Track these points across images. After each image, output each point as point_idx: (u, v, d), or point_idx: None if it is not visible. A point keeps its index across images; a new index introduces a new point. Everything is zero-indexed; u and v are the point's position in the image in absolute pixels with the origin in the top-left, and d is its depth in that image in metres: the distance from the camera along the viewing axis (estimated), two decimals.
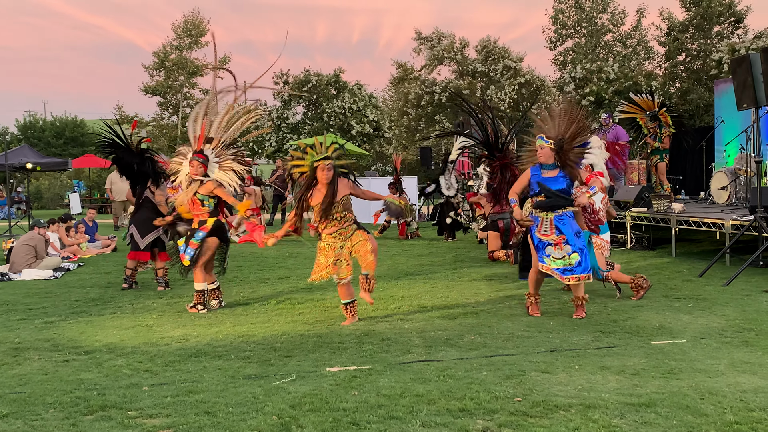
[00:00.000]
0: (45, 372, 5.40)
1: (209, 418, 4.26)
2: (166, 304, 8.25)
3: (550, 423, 4.08)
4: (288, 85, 31.66)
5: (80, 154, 34.75)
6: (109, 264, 12.04)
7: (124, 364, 5.60)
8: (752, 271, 9.34)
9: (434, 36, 29.96)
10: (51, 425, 4.20)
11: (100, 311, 7.88)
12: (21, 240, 11.58)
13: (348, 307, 7.06)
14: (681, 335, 6.17)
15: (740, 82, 9.81)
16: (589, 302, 7.74)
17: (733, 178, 13.31)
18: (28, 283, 10.14)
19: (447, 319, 7.06)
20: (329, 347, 5.97)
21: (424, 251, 12.98)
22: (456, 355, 5.65)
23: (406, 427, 4.06)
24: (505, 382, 4.84)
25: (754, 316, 6.85)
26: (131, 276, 9.36)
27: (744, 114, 12.61)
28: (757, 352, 5.58)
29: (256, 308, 7.87)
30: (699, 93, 25.66)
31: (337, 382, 4.94)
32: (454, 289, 8.84)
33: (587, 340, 6.08)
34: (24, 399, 4.70)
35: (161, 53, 33.38)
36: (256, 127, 19.17)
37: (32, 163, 22.40)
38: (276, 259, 12.07)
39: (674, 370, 5.08)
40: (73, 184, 34.15)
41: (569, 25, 29.74)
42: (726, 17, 26.43)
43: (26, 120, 42.04)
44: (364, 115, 31.62)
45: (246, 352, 5.85)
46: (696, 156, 17.09)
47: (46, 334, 6.74)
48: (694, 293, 8.13)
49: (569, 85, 27.63)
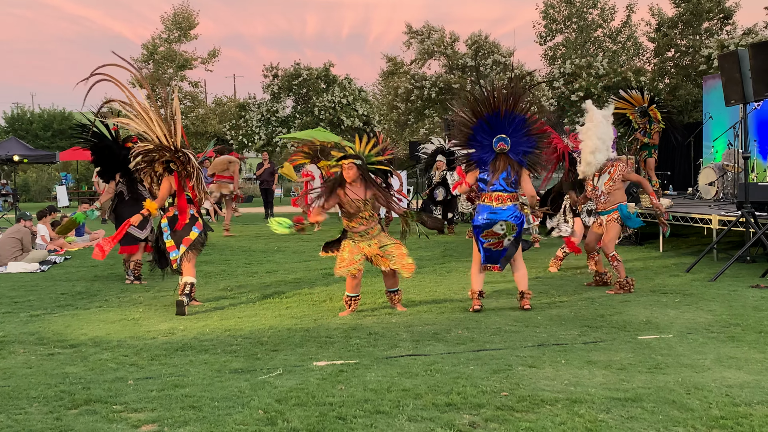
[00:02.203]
0: (29, 365, 5.36)
1: (195, 412, 4.24)
2: (153, 297, 8.20)
3: (537, 417, 4.08)
4: (278, 78, 31.54)
5: (68, 147, 34.52)
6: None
7: (109, 357, 5.56)
8: (739, 267, 9.38)
9: (425, 30, 29.91)
10: (35, 419, 4.17)
11: (86, 305, 7.83)
12: (7, 233, 11.51)
13: (351, 300, 7.11)
14: (668, 330, 6.19)
15: (728, 78, 9.84)
16: (577, 297, 7.78)
17: (720, 173, 13.37)
18: (13, 276, 10.07)
19: (435, 313, 7.06)
20: (316, 341, 5.95)
21: (412, 245, 12.91)
22: (443, 349, 5.64)
23: (392, 421, 4.05)
24: (491, 377, 4.84)
25: (740, 312, 6.88)
26: (134, 269, 9.32)
27: (732, 110, 12.68)
28: (743, 347, 5.60)
29: (243, 302, 7.84)
30: (688, 89, 25.70)
31: (324, 376, 4.92)
32: (442, 283, 8.84)
33: (574, 334, 6.09)
34: (8, 393, 4.66)
35: (150, 45, 33.18)
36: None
37: (19, 156, 22.26)
38: (264, 253, 12.03)
39: (660, 365, 5.10)
40: (60, 177, 33.98)
41: (559, 20, 29.74)
42: (715, 13, 26.48)
43: (14, 112, 41.77)
44: (354, 109, 31.54)
45: (232, 347, 5.82)
46: (684, 152, 17.15)
47: (31, 327, 6.69)
48: (681, 288, 8.16)
49: (558, 80, 27.64)
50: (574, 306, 7.29)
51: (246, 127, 31.30)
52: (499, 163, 7.03)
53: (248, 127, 31.26)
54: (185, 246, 7.47)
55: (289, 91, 31.79)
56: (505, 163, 7.02)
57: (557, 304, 7.44)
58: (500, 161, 7.03)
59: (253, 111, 31.57)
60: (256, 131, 31.18)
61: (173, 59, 32.75)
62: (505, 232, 7.01)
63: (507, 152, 7.02)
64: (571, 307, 7.23)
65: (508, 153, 7.03)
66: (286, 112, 31.96)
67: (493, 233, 7.03)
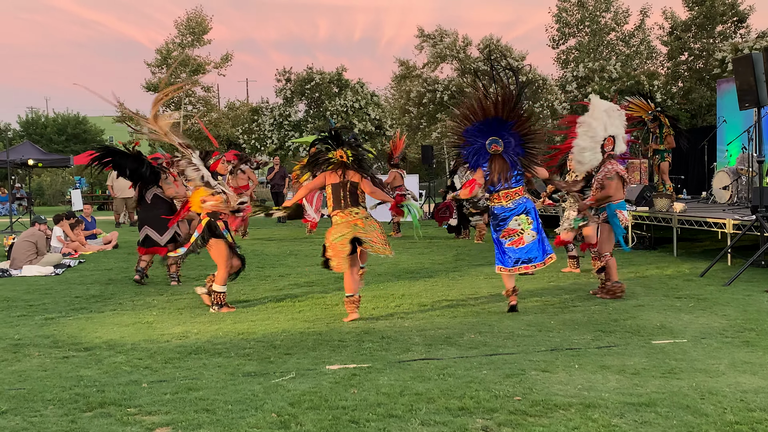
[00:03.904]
0: (44, 368, 5.40)
1: (208, 415, 4.25)
2: (167, 301, 8.24)
3: (550, 422, 4.07)
4: (290, 82, 31.61)
5: (82, 151, 34.72)
6: (110, 260, 12.04)
7: (123, 360, 5.59)
8: (753, 271, 9.33)
9: (437, 34, 29.91)
10: (50, 422, 4.20)
11: (101, 308, 7.88)
12: (22, 236, 11.60)
13: (350, 301, 7.08)
14: (682, 335, 6.15)
15: (742, 81, 9.77)
16: (590, 301, 7.75)
17: (734, 177, 13.29)
18: (28, 280, 10.15)
19: (447, 317, 7.06)
20: (329, 345, 5.96)
21: (425, 249, 12.97)
22: (456, 353, 5.64)
23: (405, 425, 4.05)
24: (504, 381, 4.83)
25: (755, 316, 6.83)
26: (144, 269, 9.47)
27: (746, 114, 12.59)
28: (758, 352, 5.56)
29: (256, 306, 7.86)
30: (701, 92, 25.60)
31: (337, 380, 4.93)
32: (455, 287, 8.83)
33: (587, 339, 6.07)
34: (23, 395, 4.70)
35: (164, 50, 33.36)
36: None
37: (34, 160, 22.43)
38: (277, 257, 12.06)
39: (674, 370, 5.07)
40: (74, 181, 34.19)
41: (572, 24, 29.68)
42: (729, 17, 26.36)
43: (28, 116, 42.10)
44: (366, 113, 31.55)
45: (246, 350, 5.84)
46: (698, 155, 17.06)
47: (46, 330, 6.74)
48: (695, 293, 8.12)
49: (571, 84, 27.58)
50: (587, 310, 7.26)
51: (258, 131, 31.38)
52: (495, 164, 7.09)
53: (261, 131, 31.34)
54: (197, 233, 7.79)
55: (302, 95, 31.84)
56: (502, 163, 7.07)
57: (570, 308, 7.41)
58: (496, 162, 7.09)
59: (265, 115, 31.65)
60: (268, 135, 31.26)
61: (186, 64, 32.89)
62: (522, 227, 7.05)
63: (501, 153, 7.07)
64: (584, 312, 7.20)
65: (503, 154, 7.07)
66: (298, 116, 32.01)
67: (511, 231, 7.09)
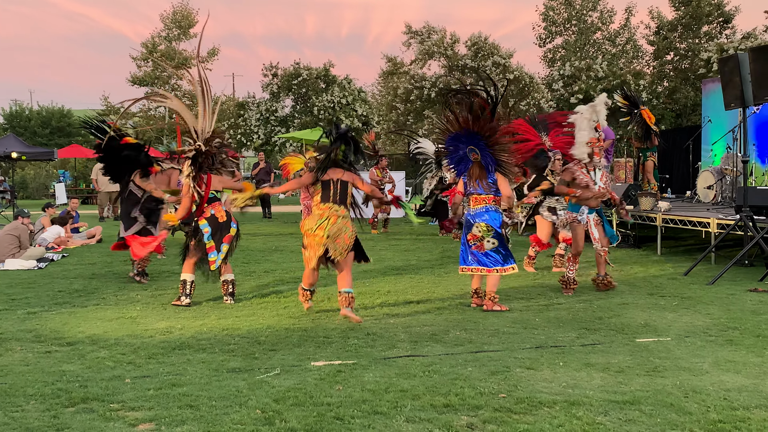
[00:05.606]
0: (26, 363, 5.35)
1: (192, 411, 4.23)
2: (151, 296, 8.19)
3: (534, 419, 4.07)
4: (277, 77, 31.51)
5: (66, 144, 34.50)
6: (93, 255, 11.94)
7: (106, 356, 5.55)
8: (737, 270, 9.39)
9: (424, 30, 29.89)
10: (32, 417, 4.16)
11: (84, 302, 7.81)
12: (5, 230, 11.48)
13: (305, 293, 7.18)
14: (666, 333, 6.19)
15: (728, 81, 9.83)
16: (575, 299, 7.77)
17: (719, 177, 13.37)
18: (11, 273, 10.05)
19: (433, 314, 7.06)
20: (314, 341, 5.95)
21: (411, 246, 12.96)
22: (441, 350, 5.64)
23: (390, 422, 4.05)
24: (489, 378, 4.84)
25: (738, 315, 6.88)
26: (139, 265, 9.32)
27: (731, 114, 12.66)
28: (741, 350, 5.60)
29: (241, 301, 7.82)
30: (686, 92, 25.74)
31: (322, 376, 4.92)
32: (441, 284, 8.84)
33: (572, 337, 6.09)
34: (5, 390, 4.65)
35: (149, 44, 33.16)
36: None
37: (17, 153, 22.19)
38: (262, 253, 12.01)
39: (659, 368, 5.10)
40: (58, 175, 33.91)
41: (559, 23, 29.74)
42: (714, 17, 26.52)
43: (12, 109, 41.63)
44: (353, 109, 31.51)
45: (230, 346, 5.81)
46: (683, 155, 17.16)
47: (28, 324, 6.67)
48: (679, 292, 8.17)
49: (558, 82, 27.65)
50: (572, 308, 7.29)
51: (245, 126, 31.27)
52: (473, 170, 7.32)
53: (247, 126, 31.23)
54: (227, 244, 7.62)
55: (289, 91, 31.77)
56: (480, 170, 7.26)
57: (555, 306, 7.44)
58: (474, 168, 7.31)
59: (252, 110, 31.54)
60: (254, 130, 31.16)
61: (172, 57, 32.69)
62: (482, 234, 7.17)
63: (480, 160, 7.24)
64: (569, 310, 7.23)
65: (481, 161, 7.24)
66: (285, 112, 31.92)
67: (473, 235, 7.25)
